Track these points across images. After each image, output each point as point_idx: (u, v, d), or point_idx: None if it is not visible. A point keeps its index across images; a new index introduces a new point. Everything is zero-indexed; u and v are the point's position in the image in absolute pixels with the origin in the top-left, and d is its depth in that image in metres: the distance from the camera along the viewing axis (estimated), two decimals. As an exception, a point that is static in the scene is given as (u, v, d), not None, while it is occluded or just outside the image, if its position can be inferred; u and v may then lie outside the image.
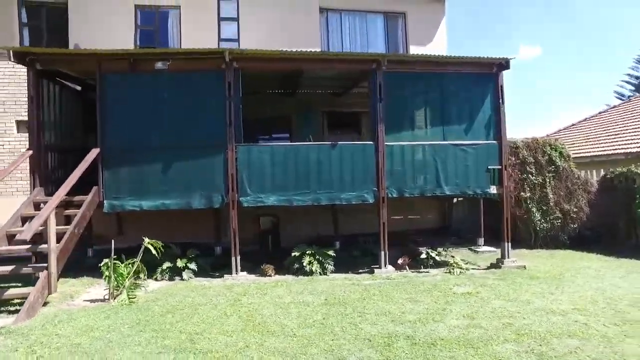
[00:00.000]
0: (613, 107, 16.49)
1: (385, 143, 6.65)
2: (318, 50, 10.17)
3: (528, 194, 9.13)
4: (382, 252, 6.65)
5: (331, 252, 6.70)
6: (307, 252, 6.58)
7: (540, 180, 9.21)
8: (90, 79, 6.83)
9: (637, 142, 11.21)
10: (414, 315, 4.36)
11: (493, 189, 7.12)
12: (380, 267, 6.62)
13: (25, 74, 6.01)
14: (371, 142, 6.70)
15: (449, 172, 6.88)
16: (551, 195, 9.20)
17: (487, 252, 8.62)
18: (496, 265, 7.06)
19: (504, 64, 7.05)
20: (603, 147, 12.60)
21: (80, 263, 6.69)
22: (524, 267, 6.92)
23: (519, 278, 6.14)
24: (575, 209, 9.23)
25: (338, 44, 10.67)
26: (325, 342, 3.62)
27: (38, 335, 3.73)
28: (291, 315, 4.38)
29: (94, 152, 5.88)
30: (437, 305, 4.71)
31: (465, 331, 3.83)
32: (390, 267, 6.74)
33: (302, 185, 6.50)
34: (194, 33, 9.77)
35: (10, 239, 5.18)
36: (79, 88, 7.46)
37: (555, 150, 9.43)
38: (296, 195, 6.49)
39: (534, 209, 9.13)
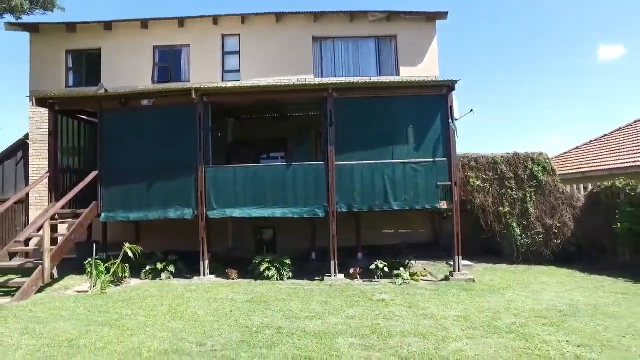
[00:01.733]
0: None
1: (336, 163, 7.47)
2: (311, 77, 11.27)
3: (507, 209, 9.27)
4: (333, 262, 7.42)
5: (288, 261, 7.61)
6: (266, 260, 7.56)
7: (521, 195, 9.30)
8: (102, 114, 8.56)
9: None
10: (309, 313, 5.15)
11: (443, 204, 7.57)
12: (330, 275, 7.38)
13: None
14: (322, 163, 7.57)
15: (397, 189, 7.49)
16: (532, 210, 9.24)
17: (461, 266, 8.88)
18: (446, 278, 7.45)
19: (451, 86, 7.55)
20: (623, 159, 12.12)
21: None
22: (473, 280, 7.25)
23: (454, 290, 6.56)
24: (558, 224, 9.17)
25: (331, 69, 11.64)
26: (212, 326, 4.60)
27: (17, 310, 5.16)
28: (210, 308, 5.41)
29: (93, 174, 7.48)
30: (339, 307, 5.44)
31: (332, 327, 4.56)
32: (340, 276, 7.47)
33: (260, 201, 7.55)
34: (202, 66, 11.41)
35: (27, 242, 6.85)
36: (96, 121, 9.24)
37: (538, 165, 9.46)
38: (255, 210, 7.55)
39: (514, 224, 9.24)
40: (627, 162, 11.68)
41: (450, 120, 7.56)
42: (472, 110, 11.57)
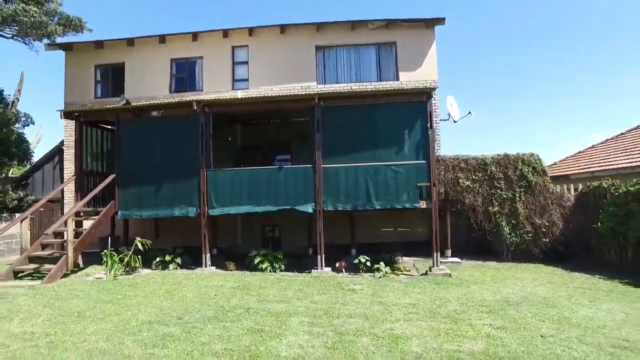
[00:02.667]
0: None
1: (322, 166, 8.26)
2: (314, 83, 12.10)
3: (497, 209, 9.69)
4: (319, 256, 8.21)
5: (280, 255, 8.49)
6: (260, 254, 8.46)
7: (510, 195, 9.69)
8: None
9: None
10: (281, 298, 5.98)
11: (423, 204, 8.18)
12: (317, 269, 8.18)
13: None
14: (310, 165, 8.36)
15: (379, 189, 8.17)
16: (521, 210, 9.62)
17: (449, 263, 9.41)
18: (426, 273, 8.05)
19: (429, 93, 8.14)
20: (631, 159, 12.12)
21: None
22: (449, 275, 7.82)
23: (425, 283, 7.18)
24: (547, 224, 9.50)
25: (333, 75, 12.41)
26: (194, 305, 5.52)
27: (37, 292, 6.31)
28: (199, 292, 6.35)
29: (111, 177, 8.65)
30: (309, 294, 6.24)
31: (293, 309, 5.37)
32: (327, 269, 8.25)
33: (255, 200, 8.46)
34: (214, 76, 12.51)
35: (57, 235, 8.11)
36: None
37: (528, 166, 9.81)
38: (251, 207, 8.47)
39: (503, 223, 9.65)
40: (634, 162, 11.67)
41: (428, 125, 8.14)
42: (470, 112, 12.07)
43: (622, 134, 15.39)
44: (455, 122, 12.08)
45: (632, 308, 5.35)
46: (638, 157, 11.94)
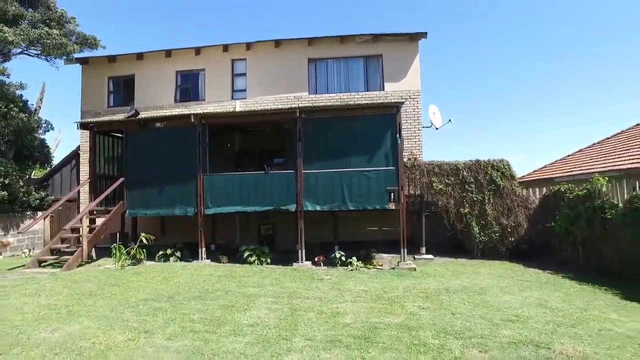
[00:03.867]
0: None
1: (303, 171, 9.47)
2: (306, 94, 13.31)
3: (467, 210, 10.74)
4: (299, 251, 9.43)
5: (267, 250, 9.75)
6: (250, 248, 9.73)
7: (480, 198, 10.73)
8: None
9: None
10: (257, 284, 7.22)
11: (392, 205, 9.32)
12: (298, 262, 9.39)
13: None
14: (292, 171, 9.58)
15: (353, 192, 9.35)
16: (490, 211, 10.64)
17: (423, 259, 10.50)
18: (394, 267, 9.18)
19: (398, 107, 9.27)
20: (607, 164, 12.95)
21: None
22: (414, 269, 8.93)
23: (388, 275, 8.32)
24: (513, 224, 10.50)
25: (324, 86, 13.60)
26: (184, 288, 6.80)
27: (58, 277, 7.70)
28: (191, 279, 7.64)
29: (120, 180, 10.03)
30: (283, 281, 7.46)
31: (264, 292, 6.59)
32: (307, 263, 9.45)
33: (244, 201, 9.73)
34: (215, 86, 13.84)
35: (74, 230, 9.53)
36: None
37: (497, 171, 10.82)
38: (241, 207, 9.75)
39: (473, 223, 10.69)
40: (608, 167, 12.52)
41: (397, 135, 9.27)
42: (450, 120, 13.13)
43: (607, 138, 16.16)
44: (437, 129, 13.15)
45: (549, 295, 6.42)
46: (612, 162, 12.77)
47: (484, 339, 4.38)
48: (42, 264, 8.81)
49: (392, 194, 9.30)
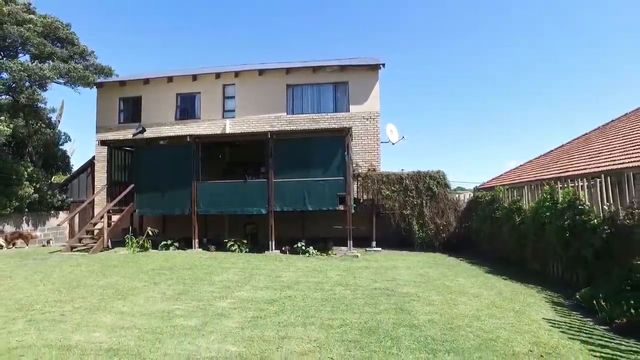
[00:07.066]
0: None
1: (274, 180, 12.59)
2: (284, 114, 16.47)
3: (409, 211, 13.79)
4: (270, 242, 12.53)
5: (245, 241, 12.86)
6: (232, 240, 12.85)
7: (419, 202, 13.77)
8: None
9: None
10: (232, 263, 10.32)
11: (341, 207, 12.40)
12: (269, 250, 12.49)
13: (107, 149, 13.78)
14: (265, 180, 12.72)
15: (311, 197, 12.45)
16: (427, 213, 13.68)
17: (372, 251, 13.52)
18: (341, 256, 12.23)
19: (347, 131, 12.39)
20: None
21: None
22: (357, 256, 11.97)
23: (332, 259, 11.38)
24: (445, 223, 13.54)
25: (300, 107, 16.74)
26: (180, 264, 9.92)
27: (88, 257, 10.88)
28: (185, 259, 10.75)
29: (131, 186, 13.22)
30: (251, 261, 10.55)
31: (234, 266, 9.70)
32: (276, 251, 12.54)
33: (227, 204, 12.87)
34: (209, 107, 17.02)
35: (95, 225, 12.73)
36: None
37: (434, 180, 13.87)
38: (224, 208, 12.88)
39: (414, 223, 13.73)
40: (544, 176, 15.49)
41: (346, 153, 12.37)
42: (403, 137, 16.24)
43: (551, 151, 19.10)
44: (393, 144, 16.27)
45: (436, 271, 9.45)
46: (546, 173, 15.64)
47: (360, 287, 7.47)
48: (74, 249, 12.00)
49: (341, 198, 12.39)
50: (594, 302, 5.72)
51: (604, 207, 7.15)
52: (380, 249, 13.73)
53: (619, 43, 59.08)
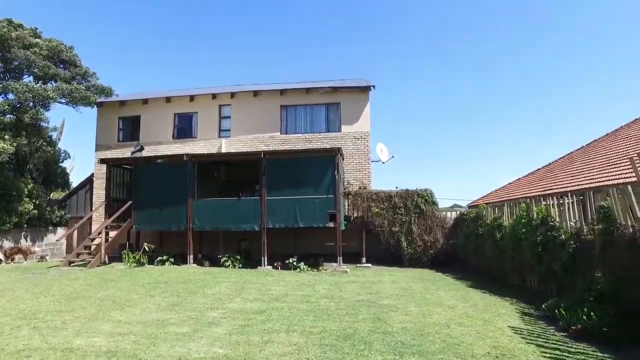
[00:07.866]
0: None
1: (267, 198, 13.13)
2: (278, 133, 17.11)
3: (398, 228, 14.30)
4: (263, 258, 12.99)
5: (238, 257, 13.31)
6: (226, 255, 13.30)
7: (408, 219, 14.30)
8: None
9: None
10: (225, 277, 10.77)
11: (331, 224, 12.92)
12: (262, 266, 12.94)
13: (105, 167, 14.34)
14: (258, 198, 13.26)
15: (303, 214, 12.97)
16: (415, 230, 14.19)
17: (362, 267, 13.98)
18: (331, 271, 12.69)
19: (337, 151, 13.00)
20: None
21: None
22: (346, 272, 12.43)
23: (322, 274, 11.84)
24: (432, 240, 14.04)
25: (293, 127, 17.38)
26: (174, 278, 10.37)
27: (86, 272, 11.32)
28: (180, 274, 11.20)
29: (129, 203, 13.73)
30: (243, 276, 11.00)
31: (226, 280, 10.15)
32: (268, 267, 12.98)
33: (221, 220, 13.37)
34: (206, 126, 17.66)
35: (93, 240, 13.18)
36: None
37: (422, 198, 14.43)
38: (219, 224, 13.38)
39: (403, 239, 14.23)
40: (529, 194, 16.09)
41: (336, 172, 12.96)
42: (393, 156, 16.86)
43: (538, 169, 19.75)
44: (383, 163, 16.89)
45: (420, 285, 9.93)
46: (533, 190, 16.25)
47: (344, 299, 7.95)
48: (71, 264, 12.43)
49: (332, 215, 12.92)
50: (556, 311, 6.23)
51: (571, 223, 7.71)
52: (370, 265, 14.18)
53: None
